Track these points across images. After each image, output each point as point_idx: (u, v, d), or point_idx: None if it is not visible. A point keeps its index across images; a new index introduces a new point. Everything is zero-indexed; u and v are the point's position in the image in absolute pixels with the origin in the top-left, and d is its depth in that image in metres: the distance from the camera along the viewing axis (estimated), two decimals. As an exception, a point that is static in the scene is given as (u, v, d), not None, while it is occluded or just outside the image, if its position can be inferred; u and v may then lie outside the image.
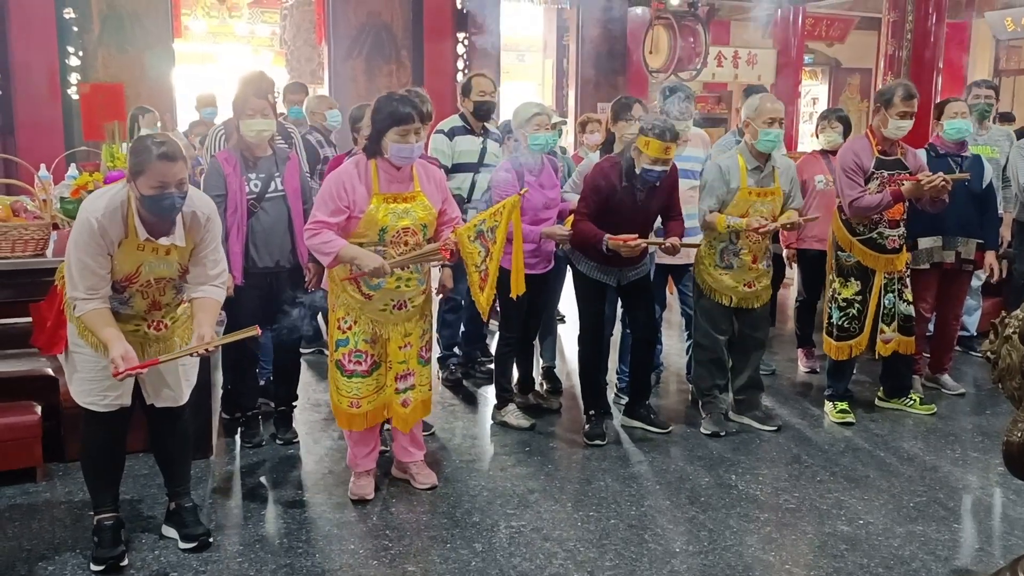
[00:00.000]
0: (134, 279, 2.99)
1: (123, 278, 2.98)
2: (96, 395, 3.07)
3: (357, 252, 3.42)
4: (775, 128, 4.29)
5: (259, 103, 3.92)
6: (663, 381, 5.28)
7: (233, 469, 4.03)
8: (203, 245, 3.10)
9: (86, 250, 2.87)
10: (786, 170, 4.45)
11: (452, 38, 10.74)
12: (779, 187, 4.39)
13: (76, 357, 3.07)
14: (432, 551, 3.29)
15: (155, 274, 3.03)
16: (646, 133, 4.00)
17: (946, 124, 4.82)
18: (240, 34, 12.66)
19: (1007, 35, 12.91)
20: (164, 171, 2.84)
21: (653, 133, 3.97)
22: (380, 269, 3.38)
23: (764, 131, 4.29)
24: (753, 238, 4.34)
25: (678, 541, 3.38)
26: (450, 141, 4.90)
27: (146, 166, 2.84)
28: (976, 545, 3.41)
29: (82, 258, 2.88)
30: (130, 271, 2.97)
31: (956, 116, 4.79)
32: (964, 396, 5.13)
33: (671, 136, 3.98)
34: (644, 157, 4.01)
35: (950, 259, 4.85)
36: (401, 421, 3.69)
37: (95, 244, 2.87)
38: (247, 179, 3.95)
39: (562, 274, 4.99)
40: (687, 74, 11.70)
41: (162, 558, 3.20)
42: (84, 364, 3.06)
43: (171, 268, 3.05)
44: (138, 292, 3.04)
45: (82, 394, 3.09)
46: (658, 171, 4.04)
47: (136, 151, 2.89)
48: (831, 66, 16.04)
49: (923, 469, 4.10)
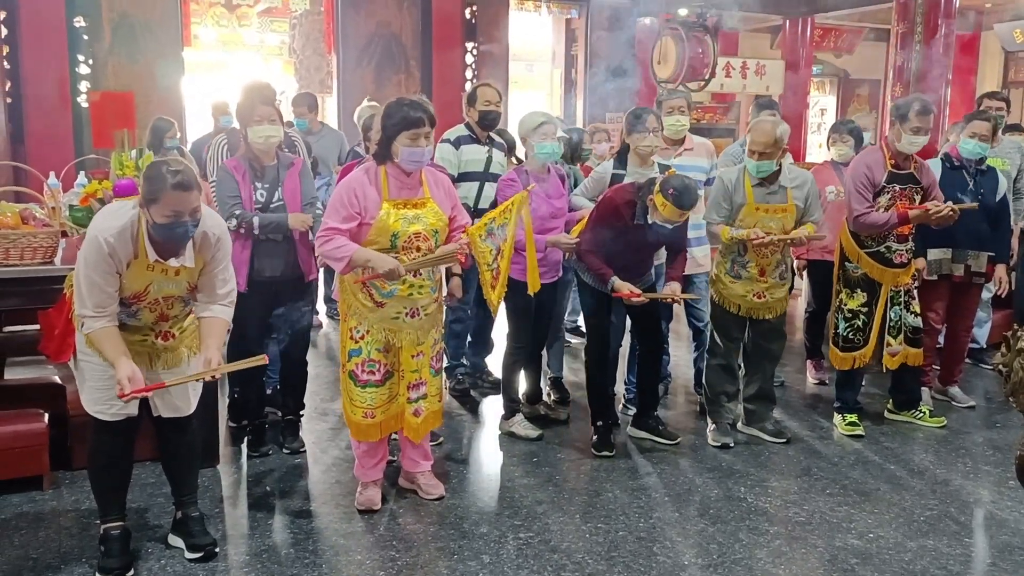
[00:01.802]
0: (142, 297, 2.99)
1: (131, 296, 2.98)
2: (103, 404, 3.06)
3: (371, 254, 3.41)
4: (759, 161, 4.22)
5: (266, 110, 3.93)
6: (671, 392, 5.26)
7: (240, 478, 4.02)
8: (213, 263, 3.07)
9: (95, 268, 2.87)
10: (802, 184, 4.36)
11: (461, 48, 10.76)
12: (792, 203, 4.33)
13: (84, 366, 3.07)
14: (439, 562, 3.27)
15: (163, 293, 3.03)
16: (665, 196, 3.90)
17: (963, 140, 4.79)
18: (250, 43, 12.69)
19: (1016, 47, 12.90)
20: (178, 201, 2.81)
21: (672, 198, 3.89)
22: (395, 271, 3.36)
23: (750, 162, 4.27)
24: (760, 252, 4.32)
25: (687, 554, 3.35)
26: (456, 150, 4.90)
27: (160, 195, 2.80)
28: (988, 560, 3.38)
29: (91, 275, 2.87)
30: (139, 290, 2.97)
31: (974, 137, 4.75)
32: (974, 409, 5.09)
33: (688, 204, 3.90)
34: (657, 214, 3.97)
35: (959, 272, 4.83)
36: (413, 431, 3.67)
37: (104, 263, 2.86)
38: (255, 187, 3.97)
39: (570, 284, 4.98)
40: (695, 84, 11.70)
41: (168, 568, 3.19)
42: (92, 373, 3.05)
43: (180, 287, 3.05)
44: (146, 307, 3.04)
45: (91, 402, 3.09)
46: (670, 228, 4.03)
47: (151, 178, 2.83)
48: (839, 77, 16.04)
49: (934, 482, 4.07)
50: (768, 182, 4.30)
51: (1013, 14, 12.66)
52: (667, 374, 5.11)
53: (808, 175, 4.48)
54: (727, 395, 4.56)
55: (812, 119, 14.88)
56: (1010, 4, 12.53)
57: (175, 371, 3.15)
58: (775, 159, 4.24)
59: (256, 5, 12.01)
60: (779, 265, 4.41)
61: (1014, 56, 13.81)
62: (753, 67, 12.97)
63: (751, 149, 4.27)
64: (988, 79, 13.92)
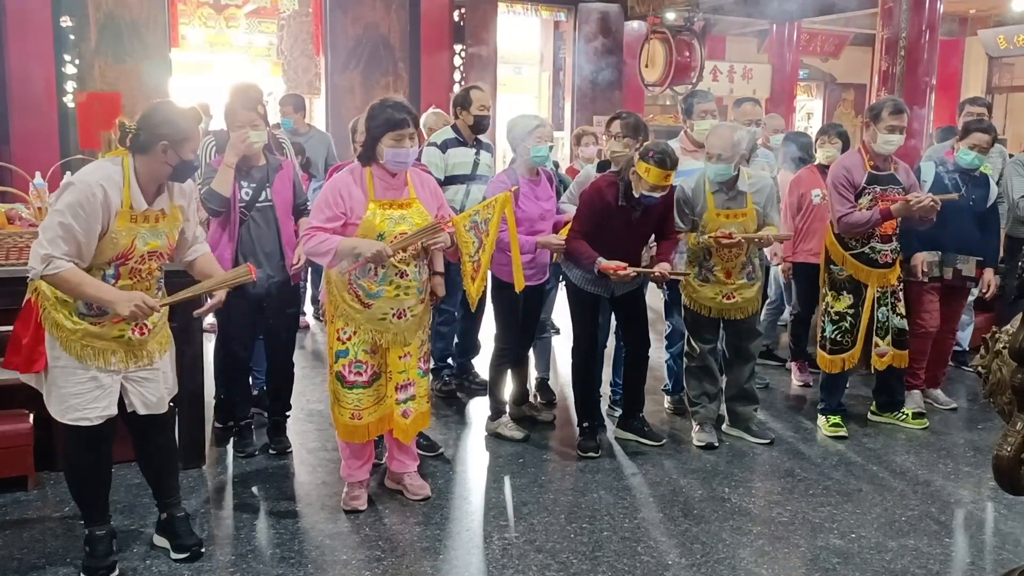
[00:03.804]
0: (129, 254, 2.97)
1: (119, 255, 2.95)
2: (84, 409, 2.98)
3: (356, 241, 3.42)
4: (717, 164, 4.26)
5: (248, 115, 3.94)
6: (656, 394, 5.27)
7: (226, 479, 4.02)
8: (187, 214, 3.21)
9: (77, 217, 2.83)
10: (761, 189, 4.42)
11: (449, 50, 10.78)
12: (751, 207, 4.38)
13: (57, 372, 2.98)
14: (425, 563, 3.28)
15: (148, 247, 3.01)
16: (646, 160, 3.95)
17: (963, 151, 4.80)
18: (237, 44, 12.65)
19: (1000, 52, 13.01)
20: (199, 137, 3.12)
21: (654, 160, 3.93)
22: (381, 252, 3.37)
23: (709, 166, 4.30)
24: (725, 255, 4.36)
25: (671, 554, 3.38)
26: (443, 153, 4.91)
27: (192, 133, 3.03)
28: (968, 559, 3.42)
29: (71, 225, 2.83)
30: (126, 245, 2.95)
31: (975, 148, 4.76)
32: (956, 411, 5.14)
33: (671, 164, 3.95)
34: (643, 183, 3.98)
35: (948, 275, 4.86)
36: (402, 432, 3.68)
37: (92, 212, 2.85)
38: (240, 186, 3.98)
39: (555, 285, 5.00)
40: (682, 88, 11.76)
41: (154, 568, 3.19)
42: (67, 378, 2.97)
43: (161, 239, 3.04)
44: (128, 273, 3.00)
45: (67, 411, 2.99)
46: (657, 196, 4.04)
47: (181, 119, 3.02)
48: (826, 81, 16.14)
49: (915, 483, 4.11)
50: (727, 187, 4.34)
51: (997, 20, 12.78)
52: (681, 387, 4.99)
53: (767, 180, 4.53)
54: (708, 396, 4.59)
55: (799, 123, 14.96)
56: (994, 10, 12.64)
57: (148, 369, 3.11)
58: (732, 164, 4.27)
59: (244, 6, 11.98)
60: (745, 266, 4.44)
61: (998, 62, 13.92)
62: (740, 71, 13.05)
63: (709, 153, 4.30)
64: (972, 85, 14.03)
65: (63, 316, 2.96)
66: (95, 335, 2.98)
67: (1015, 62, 13.78)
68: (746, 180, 4.38)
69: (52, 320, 2.96)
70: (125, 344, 3.05)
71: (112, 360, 3.01)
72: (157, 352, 3.16)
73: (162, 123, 2.98)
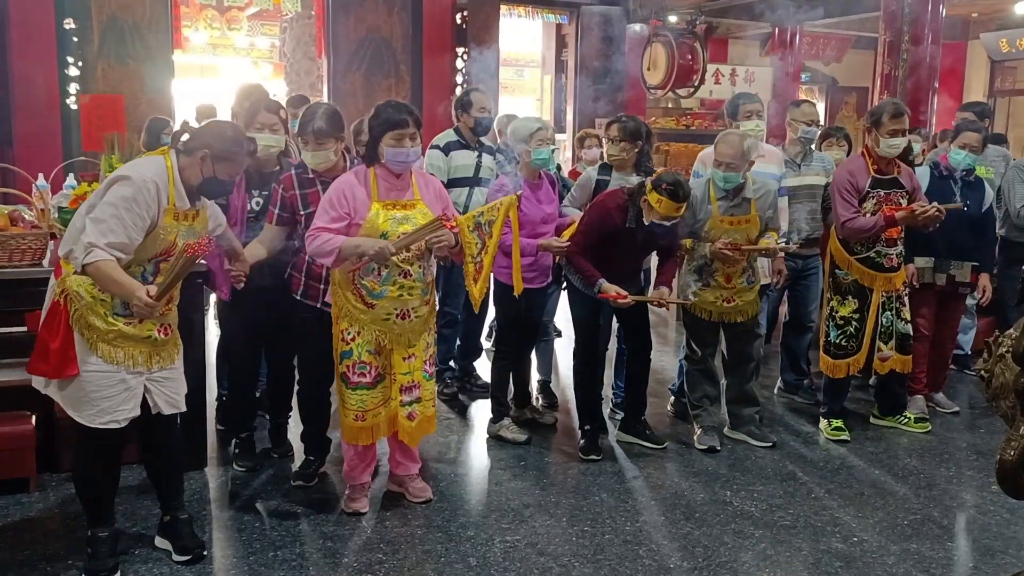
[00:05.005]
0: (171, 251, 3.01)
1: (162, 251, 3.01)
2: (114, 412, 2.99)
3: (359, 240, 3.43)
4: (726, 172, 4.25)
5: (270, 117, 3.89)
6: (658, 396, 5.27)
7: (227, 481, 4.01)
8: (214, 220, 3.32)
9: (130, 210, 2.86)
10: (765, 194, 4.42)
11: (451, 52, 10.78)
12: (755, 215, 4.38)
13: (89, 376, 2.96)
14: (426, 565, 3.28)
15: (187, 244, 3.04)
16: (659, 191, 3.90)
17: (954, 151, 4.82)
18: (240, 46, 12.68)
19: (1001, 56, 13.00)
20: (243, 166, 3.22)
21: (666, 192, 3.89)
22: (384, 250, 3.37)
23: (717, 172, 4.30)
24: (727, 261, 4.35)
25: (673, 557, 3.37)
26: (446, 156, 4.91)
27: (237, 158, 3.13)
28: (970, 563, 3.42)
29: (123, 216, 2.85)
30: (169, 242, 3.00)
31: (965, 148, 4.79)
32: (958, 414, 5.14)
33: (683, 195, 3.92)
34: (654, 213, 3.97)
35: (941, 281, 4.86)
36: (407, 435, 3.67)
37: (145, 206, 2.89)
38: (250, 195, 3.92)
39: (556, 288, 4.99)
40: (685, 91, 11.76)
41: (156, 570, 3.19)
42: (99, 381, 2.96)
43: (195, 239, 3.06)
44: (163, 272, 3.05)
45: (98, 415, 2.97)
46: (668, 225, 4.04)
47: (230, 140, 3.11)
48: (828, 84, 16.12)
49: (918, 487, 4.10)
50: (733, 194, 4.34)
51: (999, 23, 12.77)
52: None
53: (771, 183, 4.53)
54: (709, 398, 4.59)
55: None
56: (996, 14, 12.64)
57: (170, 369, 3.15)
58: (741, 171, 4.27)
59: (247, 8, 12.01)
60: (745, 271, 4.44)
61: (1000, 65, 13.91)
62: (743, 74, 13.04)
63: (718, 160, 4.30)
64: (974, 88, 14.02)
65: (98, 316, 2.95)
66: (127, 336, 3.00)
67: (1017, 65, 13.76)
68: (751, 186, 4.38)
69: (84, 321, 2.95)
70: (151, 344, 3.07)
71: (139, 360, 3.03)
72: (176, 352, 3.20)
73: (212, 134, 3.09)
